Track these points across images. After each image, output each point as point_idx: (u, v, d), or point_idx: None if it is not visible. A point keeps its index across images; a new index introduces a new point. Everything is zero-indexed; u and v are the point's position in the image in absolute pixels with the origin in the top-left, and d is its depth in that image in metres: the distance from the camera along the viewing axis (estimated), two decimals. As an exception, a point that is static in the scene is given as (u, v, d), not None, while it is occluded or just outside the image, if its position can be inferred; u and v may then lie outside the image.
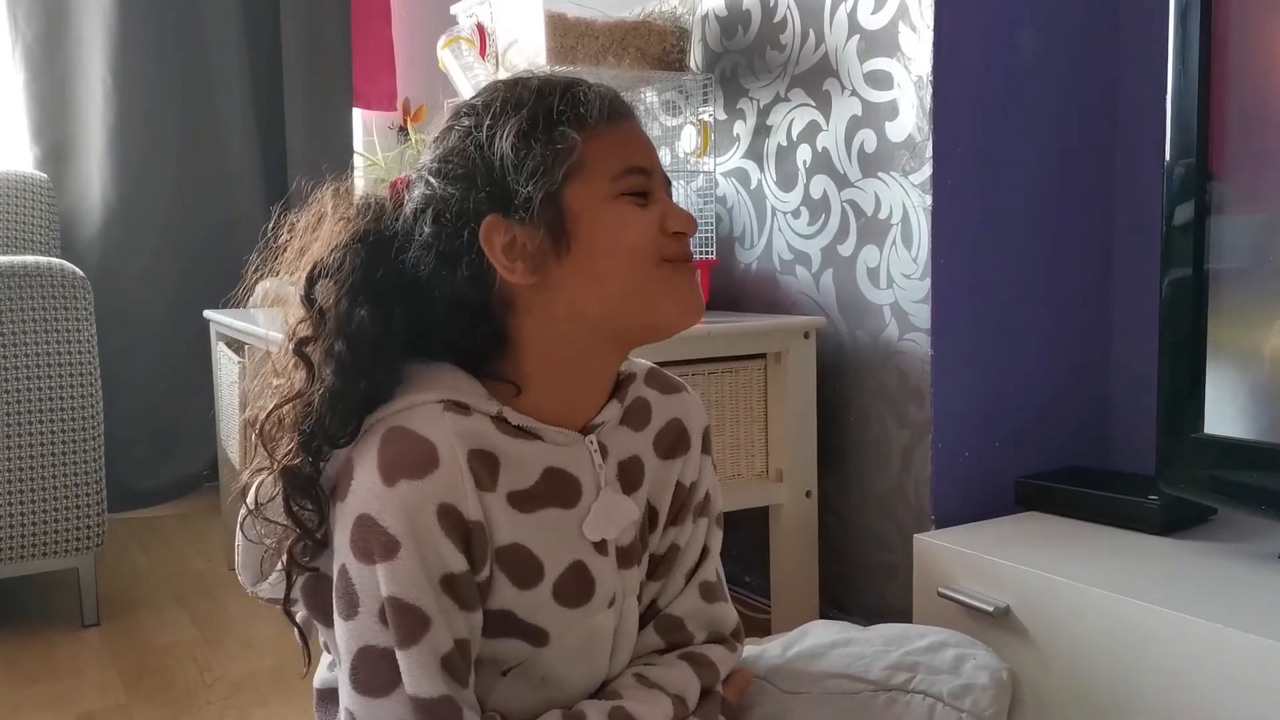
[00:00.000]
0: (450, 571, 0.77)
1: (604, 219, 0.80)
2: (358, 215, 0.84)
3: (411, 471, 0.76)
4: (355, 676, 0.78)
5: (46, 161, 2.74)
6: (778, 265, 1.90)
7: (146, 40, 2.77)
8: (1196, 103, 1.27)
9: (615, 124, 0.82)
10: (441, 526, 0.76)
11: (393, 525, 0.75)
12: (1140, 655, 1.20)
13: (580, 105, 0.81)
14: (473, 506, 0.78)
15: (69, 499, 1.91)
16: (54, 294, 1.88)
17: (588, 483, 0.85)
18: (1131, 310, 1.75)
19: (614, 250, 0.80)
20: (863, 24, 1.68)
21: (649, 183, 0.82)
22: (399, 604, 0.76)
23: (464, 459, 0.78)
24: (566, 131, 0.79)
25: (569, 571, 0.84)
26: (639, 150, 0.83)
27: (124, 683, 1.71)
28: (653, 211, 0.81)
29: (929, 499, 1.62)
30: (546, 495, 0.83)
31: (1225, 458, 1.27)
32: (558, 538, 0.83)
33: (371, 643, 0.77)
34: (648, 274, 0.80)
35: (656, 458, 0.92)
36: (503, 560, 0.81)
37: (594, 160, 0.80)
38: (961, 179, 1.61)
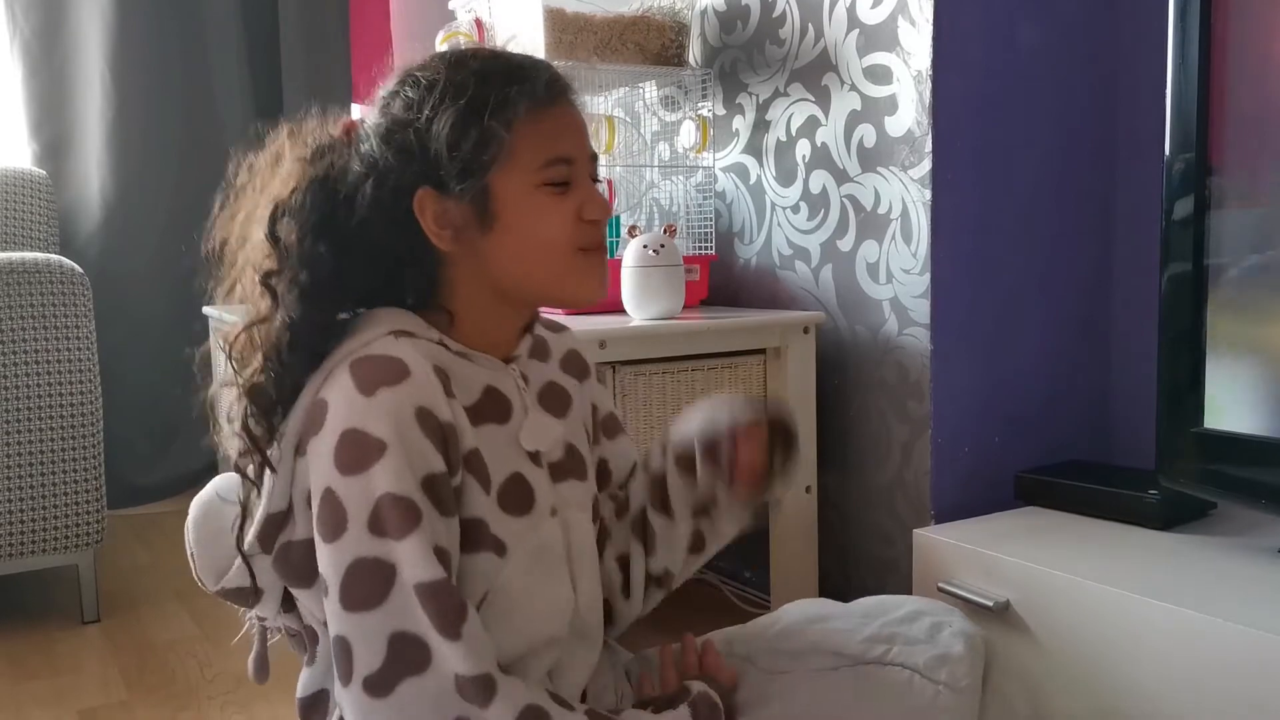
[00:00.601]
0: (432, 472, 0.82)
1: (525, 208, 0.87)
2: (314, 158, 0.90)
3: (388, 380, 0.82)
4: (346, 595, 0.80)
5: (45, 157, 2.74)
6: (777, 261, 1.90)
7: (145, 35, 2.76)
8: (1196, 97, 1.27)
9: (547, 110, 0.89)
10: (421, 428, 0.82)
11: (378, 429, 0.81)
12: (1140, 649, 1.20)
13: (514, 96, 0.87)
14: (445, 410, 0.84)
15: (69, 495, 1.91)
16: (53, 291, 1.88)
17: (516, 403, 0.93)
18: (1131, 305, 1.75)
19: (531, 238, 0.88)
20: (862, 19, 1.68)
21: (571, 171, 0.89)
22: (392, 499, 0.80)
23: (431, 369, 0.85)
24: (497, 124, 0.86)
25: (510, 481, 0.90)
26: (565, 138, 0.89)
27: (124, 679, 1.71)
28: (571, 201, 0.88)
29: (929, 493, 1.62)
30: (487, 411, 0.91)
31: (1225, 452, 1.28)
32: (498, 450, 0.90)
33: (361, 554, 0.80)
34: (561, 262, 0.89)
35: (572, 379, 1.02)
36: (469, 465, 0.87)
37: (521, 149, 0.87)
38: (961, 174, 1.60)
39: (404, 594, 0.79)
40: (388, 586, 0.79)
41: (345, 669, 0.80)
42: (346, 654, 0.80)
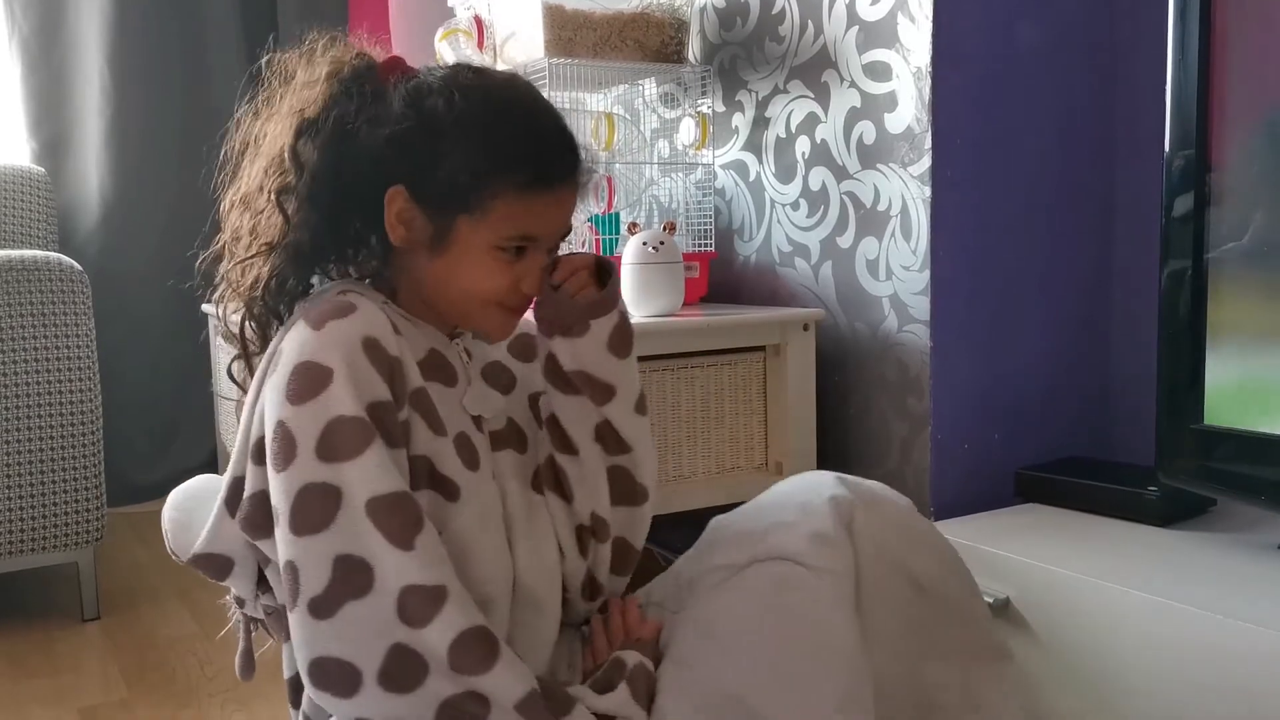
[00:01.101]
0: (378, 399, 0.86)
1: (473, 258, 0.92)
2: (342, 93, 0.95)
3: (336, 315, 0.87)
4: (294, 520, 0.83)
5: (44, 155, 2.74)
6: (777, 257, 1.90)
7: (144, 33, 2.76)
8: (1196, 93, 1.27)
9: (543, 192, 0.92)
10: (368, 356, 0.86)
11: (327, 358, 0.85)
12: (1140, 646, 1.20)
13: (521, 169, 0.91)
14: (392, 344, 0.88)
15: (68, 493, 1.91)
16: (52, 288, 1.88)
17: (459, 371, 0.98)
18: (1131, 301, 1.75)
19: (465, 281, 0.93)
20: (861, 15, 1.68)
21: (532, 245, 0.93)
22: (344, 420, 0.83)
23: (378, 308, 0.90)
24: (491, 185, 0.90)
25: (460, 437, 0.94)
26: (544, 221, 0.93)
27: (125, 677, 1.71)
28: (517, 270, 0.93)
29: (929, 490, 1.62)
30: (434, 370, 0.95)
31: (1225, 449, 1.28)
32: (449, 407, 0.94)
33: (309, 480, 0.83)
34: (479, 308, 0.95)
35: (519, 361, 1.07)
36: (416, 403, 0.90)
37: (500, 215, 0.90)
38: (960, 170, 1.60)
39: (351, 516, 0.82)
40: (334, 509, 0.82)
41: (293, 592, 0.83)
42: (294, 578, 0.82)
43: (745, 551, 0.96)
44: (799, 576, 0.91)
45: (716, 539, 1.01)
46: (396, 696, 0.80)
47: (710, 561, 0.99)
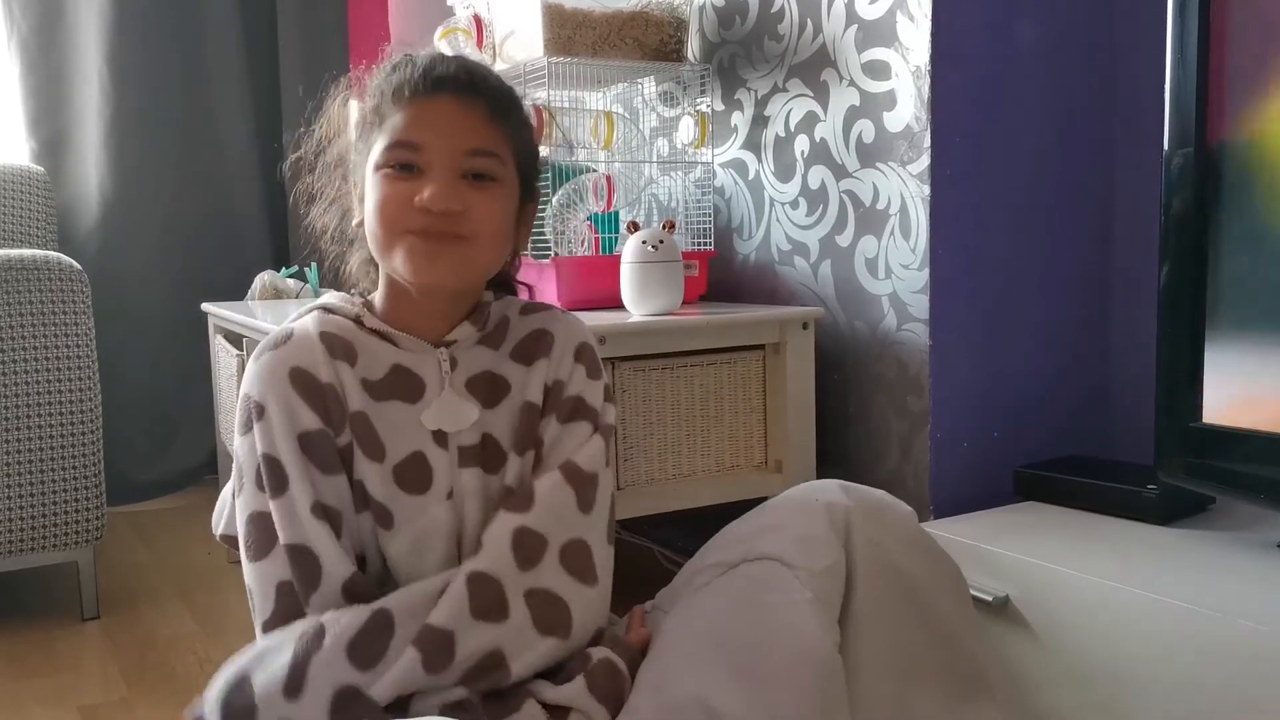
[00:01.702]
0: (306, 429, 0.90)
1: (368, 187, 0.95)
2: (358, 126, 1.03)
3: (270, 347, 0.93)
4: (246, 546, 0.90)
5: (43, 154, 2.74)
6: (776, 256, 1.90)
7: (143, 32, 2.76)
8: (1195, 92, 1.27)
9: (419, 101, 0.93)
10: (295, 387, 0.90)
11: (257, 391, 0.91)
12: (1139, 645, 1.21)
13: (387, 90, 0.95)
14: (325, 371, 0.92)
15: (68, 492, 1.91)
16: (51, 287, 1.88)
17: (432, 384, 0.97)
18: (1130, 299, 1.75)
19: (370, 214, 0.94)
20: (860, 14, 1.68)
21: (417, 158, 0.92)
22: (268, 459, 0.89)
23: (316, 335, 0.94)
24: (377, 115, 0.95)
25: (409, 459, 0.94)
26: (419, 126, 0.93)
27: (124, 676, 1.71)
28: (407, 186, 0.92)
29: (928, 489, 1.62)
30: (393, 388, 0.96)
31: (1224, 447, 1.28)
32: (400, 427, 0.95)
33: (253, 509, 0.90)
34: (389, 241, 0.93)
35: (519, 366, 1.02)
36: (354, 427, 0.93)
37: (384, 133, 0.94)
38: (960, 169, 1.60)
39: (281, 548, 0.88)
40: (272, 539, 0.88)
41: (254, 614, 0.89)
42: (253, 602, 0.89)
43: (735, 552, 0.96)
44: (781, 577, 0.91)
45: (716, 541, 1.01)
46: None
47: (704, 562, 0.99)
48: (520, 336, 1.04)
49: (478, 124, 0.94)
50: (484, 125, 0.94)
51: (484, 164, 0.94)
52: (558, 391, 1.02)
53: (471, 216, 0.92)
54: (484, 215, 0.93)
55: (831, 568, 0.91)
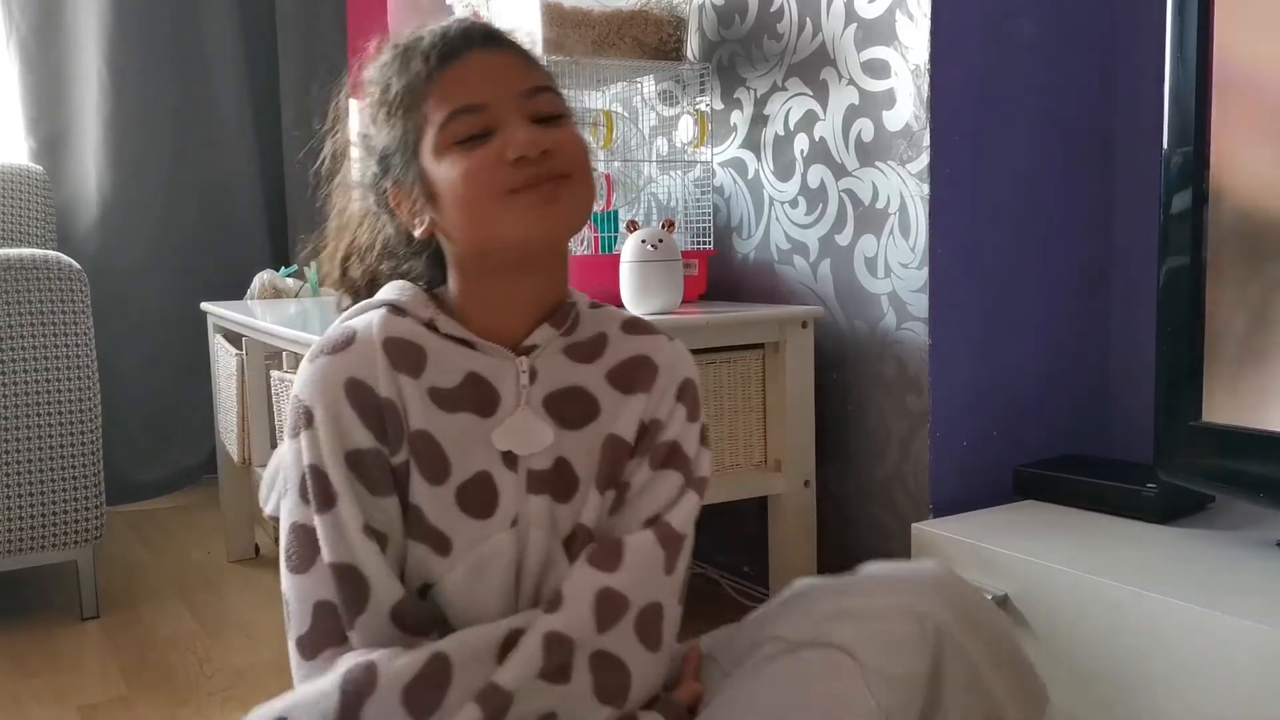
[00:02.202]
0: (357, 448, 0.84)
1: (443, 172, 0.85)
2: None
3: (328, 350, 0.86)
4: (287, 556, 0.85)
5: (42, 153, 2.73)
6: (775, 255, 1.90)
7: (141, 31, 2.76)
8: (1194, 90, 1.27)
9: (451, 67, 0.86)
10: (349, 400, 0.84)
11: (309, 397, 0.84)
12: (1139, 643, 1.21)
13: (413, 72, 0.87)
14: (385, 385, 0.85)
15: (67, 492, 1.91)
16: (50, 286, 1.88)
17: (508, 397, 0.89)
18: (1130, 298, 1.75)
19: (459, 199, 0.85)
20: (860, 13, 1.68)
21: (484, 120, 0.84)
22: (315, 472, 0.83)
23: (379, 343, 0.86)
24: (406, 106, 0.87)
25: (475, 479, 0.86)
26: (469, 89, 0.85)
27: (124, 675, 1.71)
28: (489, 149, 0.83)
29: (927, 488, 1.62)
30: (466, 399, 0.88)
31: (1223, 446, 1.28)
32: (469, 443, 0.87)
33: (296, 519, 0.84)
34: (489, 211, 0.84)
35: (615, 391, 0.92)
36: (414, 447, 0.86)
37: (431, 114, 0.86)
38: (959, 168, 1.60)
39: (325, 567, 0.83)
40: (315, 554, 0.83)
41: (287, 624, 0.85)
42: (288, 611, 0.85)
43: (805, 630, 0.86)
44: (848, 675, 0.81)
45: (790, 606, 0.91)
46: None
47: (773, 629, 0.89)
48: (621, 359, 0.93)
49: (521, 65, 0.88)
50: (527, 66, 0.89)
51: (548, 100, 0.87)
52: (654, 432, 0.93)
53: (564, 153, 0.85)
54: (574, 149, 0.86)
55: (909, 677, 0.82)
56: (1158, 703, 1.19)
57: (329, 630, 0.82)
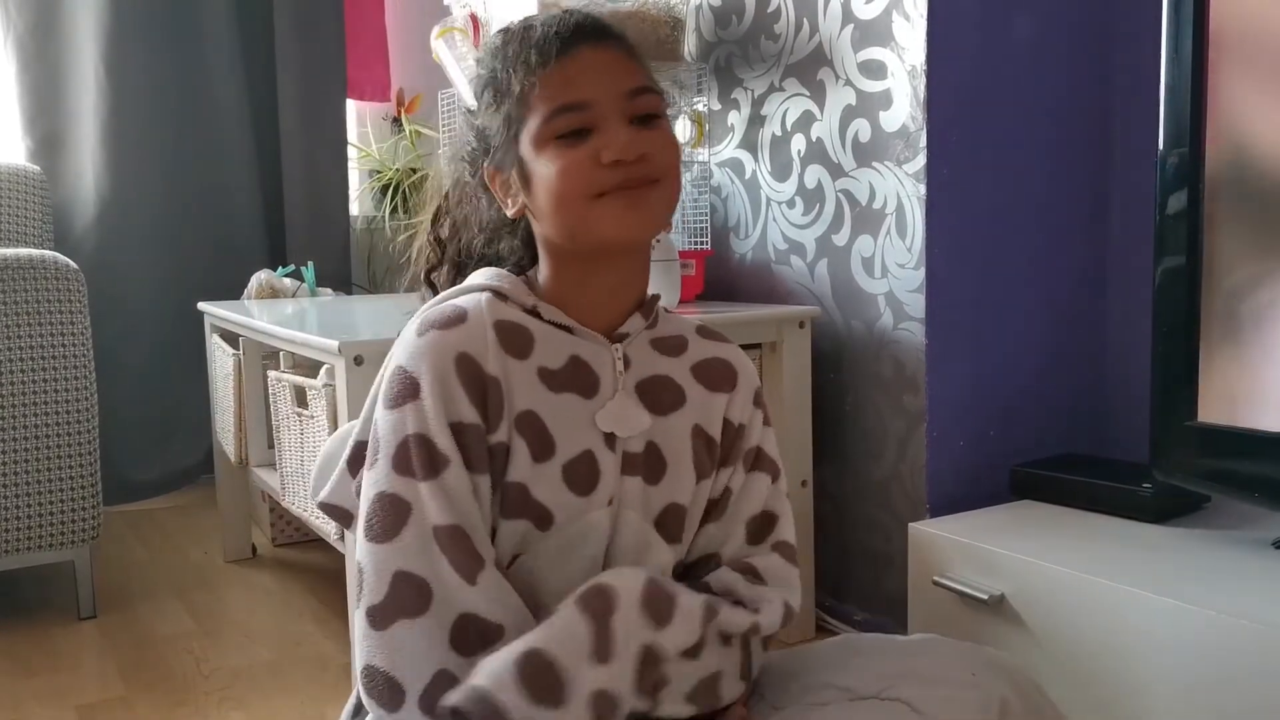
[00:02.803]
0: (463, 420, 0.85)
1: (540, 164, 0.88)
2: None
3: (439, 325, 0.88)
4: (367, 524, 0.84)
5: (39, 153, 2.73)
6: (772, 255, 1.90)
7: (139, 31, 2.76)
8: (1190, 91, 1.28)
9: (559, 62, 0.87)
10: (459, 374, 0.85)
11: (417, 369, 0.86)
12: (1135, 642, 1.21)
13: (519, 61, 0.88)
14: (494, 363, 0.87)
15: (64, 492, 1.91)
16: (48, 286, 1.88)
17: (606, 381, 0.92)
18: (1126, 298, 1.75)
19: (551, 193, 0.87)
20: (856, 13, 1.68)
21: (585, 118, 0.86)
22: (421, 439, 0.84)
23: (490, 324, 0.88)
24: (514, 86, 0.88)
25: (580, 457, 0.89)
26: (574, 86, 0.87)
27: (122, 674, 1.71)
28: (586, 149, 0.86)
29: (924, 487, 1.63)
30: (571, 380, 0.91)
31: (1219, 446, 1.28)
32: (574, 422, 0.90)
33: (384, 489, 0.84)
34: (577, 212, 0.87)
35: (700, 385, 0.97)
36: (521, 427, 0.88)
37: (535, 105, 0.88)
38: (955, 168, 1.61)
39: (418, 535, 0.82)
40: (400, 524, 0.83)
41: (357, 594, 0.84)
42: (360, 580, 0.84)
43: (871, 685, 0.88)
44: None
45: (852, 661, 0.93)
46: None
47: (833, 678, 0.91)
48: (703, 357, 0.99)
49: (625, 63, 0.90)
50: (631, 64, 0.90)
51: (648, 102, 0.89)
52: (740, 436, 0.99)
53: (657, 157, 0.87)
54: (667, 152, 0.89)
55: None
56: (1153, 701, 1.19)
57: (406, 602, 0.82)
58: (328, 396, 1.56)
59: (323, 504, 0.98)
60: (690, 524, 0.95)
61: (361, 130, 3.25)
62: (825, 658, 0.96)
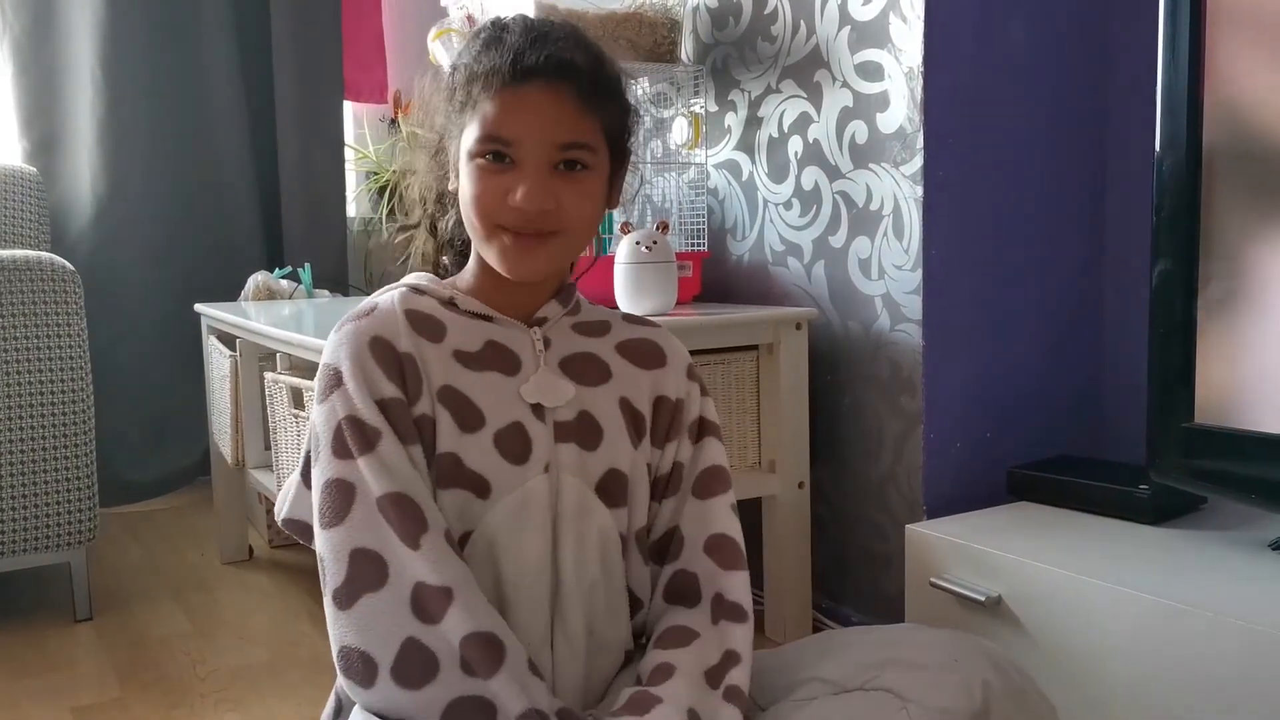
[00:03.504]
0: (384, 396, 0.90)
1: (464, 172, 0.94)
2: None
3: (352, 318, 0.94)
4: (320, 514, 0.88)
5: (36, 155, 2.73)
6: (769, 257, 1.90)
7: (136, 32, 2.76)
8: (1187, 93, 1.28)
9: (508, 89, 0.91)
10: (374, 355, 0.91)
11: (338, 358, 0.92)
12: (1132, 644, 1.21)
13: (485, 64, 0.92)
14: (406, 342, 0.93)
15: (61, 493, 1.91)
16: (44, 288, 1.87)
17: (527, 360, 0.97)
18: (1122, 300, 1.76)
19: (464, 201, 0.94)
20: (853, 15, 1.68)
21: (509, 151, 0.91)
22: (351, 420, 0.89)
23: (401, 311, 0.95)
24: (472, 91, 0.93)
25: (510, 428, 0.93)
26: (510, 122, 0.91)
27: (118, 676, 1.71)
28: (501, 180, 0.91)
29: (921, 489, 1.63)
30: (490, 360, 0.96)
31: (1215, 447, 1.28)
32: (499, 397, 0.94)
33: (329, 475, 0.88)
34: (485, 233, 0.93)
35: (625, 362, 1.02)
36: (444, 400, 0.92)
37: (475, 119, 0.92)
38: (952, 170, 1.61)
39: (365, 511, 0.86)
40: (349, 505, 0.87)
41: (322, 583, 0.87)
42: (323, 570, 0.87)
43: (854, 677, 0.89)
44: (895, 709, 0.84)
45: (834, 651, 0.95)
46: (407, 692, 0.82)
47: (815, 671, 0.93)
48: (627, 338, 1.04)
49: (569, 113, 0.92)
50: (575, 113, 0.92)
51: (575, 155, 0.93)
52: (680, 410, 1.03)
53: (563, 212, 0.92)
54: (575, 208, 0.93)
55: (949, 710, 0.84)
56: (1149, 702, 1.19)
57: (365, 576, 0.85)
58: (324, 398, 1.56)
59: (285, 520, 1.01)
60: (634, 491, 0.98)
61: (359, 132, 3.25)
62: (808, 653, 0.97)
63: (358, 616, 0.84)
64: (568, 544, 0.93)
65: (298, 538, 1.01)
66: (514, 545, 0.91)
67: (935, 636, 0.94)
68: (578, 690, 0.93)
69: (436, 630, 0.82)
